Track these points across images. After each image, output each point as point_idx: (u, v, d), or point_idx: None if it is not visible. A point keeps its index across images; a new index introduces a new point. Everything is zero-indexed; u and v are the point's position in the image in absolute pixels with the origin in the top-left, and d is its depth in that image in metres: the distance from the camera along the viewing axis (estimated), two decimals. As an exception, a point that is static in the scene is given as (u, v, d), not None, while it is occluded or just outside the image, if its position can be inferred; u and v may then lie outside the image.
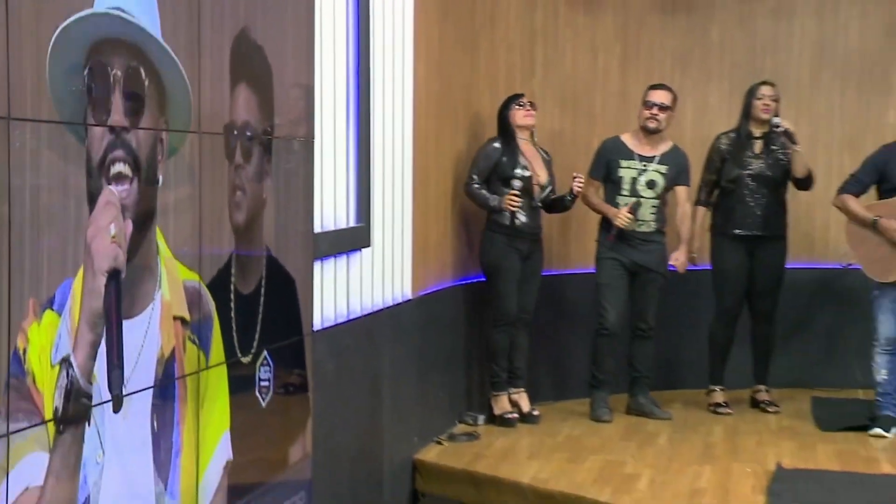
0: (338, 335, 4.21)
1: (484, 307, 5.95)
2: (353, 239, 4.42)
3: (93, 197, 2.24)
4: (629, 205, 5.94)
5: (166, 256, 2.53)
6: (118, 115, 2.31)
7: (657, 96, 6.08)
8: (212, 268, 2.78)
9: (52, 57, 2.11)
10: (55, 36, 2.12)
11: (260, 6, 2.97)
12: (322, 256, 3.99)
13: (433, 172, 5.54)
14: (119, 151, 2.31)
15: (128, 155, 2.34)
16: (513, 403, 6.01)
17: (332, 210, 4.23)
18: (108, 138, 2.28)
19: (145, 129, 2.40)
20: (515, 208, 5.69)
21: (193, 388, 2.67)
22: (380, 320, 4.72)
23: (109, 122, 2.28)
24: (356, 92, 4.43)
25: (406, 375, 5.10)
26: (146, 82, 2.41)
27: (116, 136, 2.30)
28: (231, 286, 2.87)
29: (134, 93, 2.36)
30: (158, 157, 2.47)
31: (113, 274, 2.30)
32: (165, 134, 2.50)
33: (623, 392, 6.24)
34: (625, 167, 6.03)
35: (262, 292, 3.03)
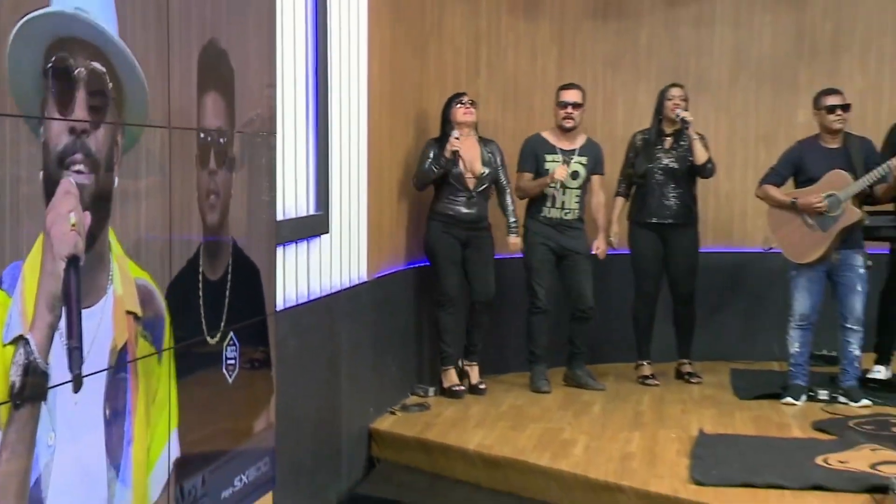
0: (299, 315, 4.20)
1: (432, 289, 5.96)
2: (313, 226, 4.40)
3: (48, 185, 2.14)
4: (561, 164, 5.96)
5: (118, 253, 2.41)
6: (79, 110, 2.22)
7: (569, 95, 6.09)
8: (181, 259, 2.72)
9: (12, 52, 2.03)
10: (14, 31, 2.03)
11: (224, 11, 2.95)
12: (284, 242, 3.98)
13: (386, 165, 5.54)
14: (77, 146, 2.22)
15: (85, 151, 2.25)
16: (464, 374, 6.04)
17: (294, 199, 4.22)
18: (65, 133, 2.19)
19: (105, 123, 2.30)
20: (457, 146, 5.72)
21: (145, 383, 2.54)
22: (338, 301, 4.71)
23: (68, 117, 2.19)
24: (315, 91, 4.41)
25: (362, 351, 5.10)
26: (105, 79, 2.32)
27: (73, 132, 2.21)
28: (199, 273, 2.83)
29: (93, 90, 2.27)
30: (114, 156, 2.37)
31: (72, 260, 2.21)
32: (121, 132, 2.40)
33: (560, 365, 6.28)
34: (549, 161, 6.05)
35: (229, 278, 3.01)
